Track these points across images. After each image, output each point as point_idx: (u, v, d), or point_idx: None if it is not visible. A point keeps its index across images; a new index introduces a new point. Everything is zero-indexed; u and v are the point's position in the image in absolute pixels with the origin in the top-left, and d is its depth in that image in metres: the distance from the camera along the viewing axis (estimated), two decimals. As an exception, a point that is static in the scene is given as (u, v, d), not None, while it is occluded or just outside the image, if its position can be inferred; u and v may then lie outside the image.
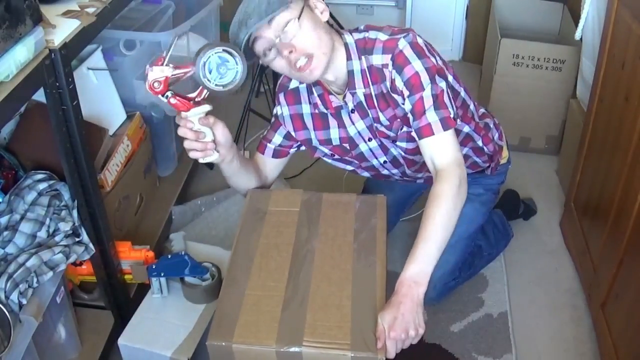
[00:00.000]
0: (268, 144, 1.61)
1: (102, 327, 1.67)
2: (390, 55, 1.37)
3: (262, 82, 2.75)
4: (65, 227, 1.44)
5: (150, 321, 1.51)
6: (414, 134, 1.39)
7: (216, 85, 1.25)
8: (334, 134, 1.57)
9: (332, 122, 1.55)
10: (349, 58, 1.41)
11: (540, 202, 2.29)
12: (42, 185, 1.45)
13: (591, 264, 1.86)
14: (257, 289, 1.29)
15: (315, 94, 1.51)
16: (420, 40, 1.38)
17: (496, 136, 1.74)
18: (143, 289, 1.65)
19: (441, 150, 1.37)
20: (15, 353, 1.26)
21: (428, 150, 1.38)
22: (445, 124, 1.35)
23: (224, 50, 1.24)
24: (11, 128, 1.66)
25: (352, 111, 1.50)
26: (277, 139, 1.60)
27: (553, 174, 2.47)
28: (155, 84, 1.25)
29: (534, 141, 2.55)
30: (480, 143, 1.66)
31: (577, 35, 2.21)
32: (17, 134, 1.65)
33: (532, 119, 2.50)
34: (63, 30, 1.29)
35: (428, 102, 1.35)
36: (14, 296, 1.28)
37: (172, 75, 1.25)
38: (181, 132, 1.32)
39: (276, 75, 2.67)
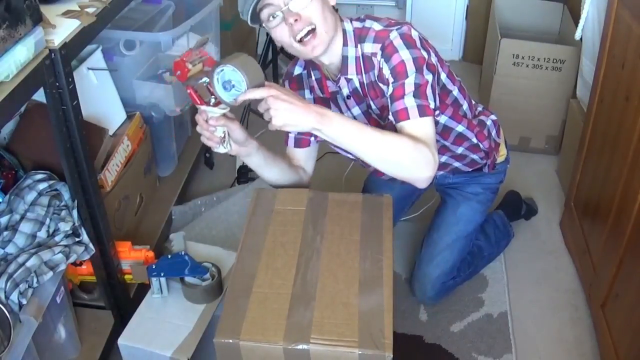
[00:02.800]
0: (289, 134, 1.61)
1: (102, 327, 1.67)
2: (380, 45, 1.37)
3: (262, 82, 2.74)
4: (65, 227, 1.44)
5: (150, 321, 1.50)
6: (391, 117, 1.36)
7: (225, 97, 1.29)
8: (331, 105, 1.58)
9: (333, 107, 1.56)
10: (345, 44, 1.42)
11: (540, 202, 2.29)
12: (42, 185, 1.45)
13: (591, 264, 1.86)
14: (264, 286, 1.29)
15: (313, 78, 1.53)
16: (414, 34, 1.38)
17: (493, 132, 1.74)
18: (143, 289, 1.65)
19: (416, 133, 1.31)
20: (15, 353, 1.26)
21: (401, 129, 1.33)
22: (422, 111, 1.31)
23: (232, 67, 1.25)
24: (11, 128, 1.66)
25: (348, 97, 1.51)
26: None
27: (553, 174, 2.47)
28: (178, 72, 1.33)
29: (534, 141, 2.55)
30: (475, 140, 1.66)
31: (577, 35, 2.21)
32: (17, 134, 1.65)
33: (532, 119, 2.50)
34: (63, 30, 1.29)
35: (409, 88, 1.32)
36: (14, 296, 1.28)
37: (191, 70, 1.33)
38: (197, 118, 1.38)
39: (276, 77, 2.68)
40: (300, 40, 1.33)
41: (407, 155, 1.26)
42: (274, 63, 2.65)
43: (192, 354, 1.43)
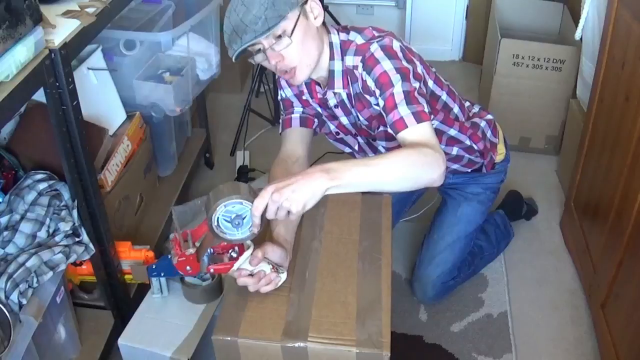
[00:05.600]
0: (292, 115, 1.56)
1: (102, 327, 1.67)
2: (360, 57, 1.39)
3: (262, 82, 2.75)
4: (65, 227, 1.44)
5: (150, 321, 1.50)
6: (390, 130, 1.35)
7: (241, 234, 1.17)
8: (320, 109, 1.58)
9: (322, 111, 1.57)
10: (331, 58, 1.43)
11: (540, 202, 2.29)
12: (42, 185, 1.45)
13: (591, 264, 1.86)
14: None
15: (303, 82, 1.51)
16: (395, 45, 1.37)
17: (489, 133, 1.74)
18: (143, 289, 1.65)
19: (417, 139, 1.29)
20: (15, 353, 1.26)
21: (401, 138, 1.32)
22: (419, 117, 1.30)
23: (225, 205, 1.14)
24: (11, 128, 1.66)
25: (336, 106, 1.52)
26: (298, 109, 1.57)
27: (553, 174, 2.47)
28: (188, 268, 1.23)
29: (534, 141, 2.55)
30: (468, 142, 1.67)
31: (577, 35, 2.21)
32: (17, 134, 1.65)
33: (532, 119, 2.50)
34: (63, 30, 1.29)
35: (399, 97, 1.32)
36: (14, 296, 1.28)
37: (194, 251, 1.22)
38: (241, 282, 1.24)
39: (275, 76, 2.68)
40: (284, 73, 1.37)
41: (415, 165, 1.22)
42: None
43: (192, 354, 1.43)
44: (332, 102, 1.51)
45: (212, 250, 1.27)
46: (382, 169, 1.19)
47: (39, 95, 1.27)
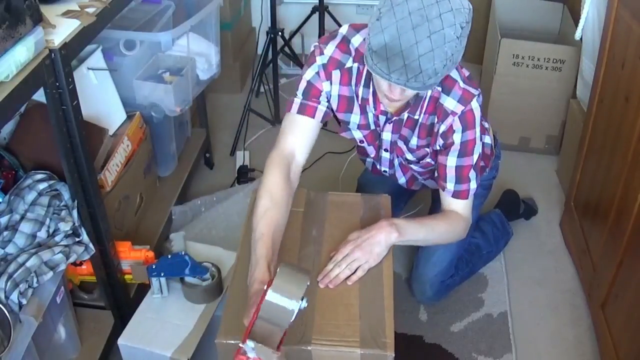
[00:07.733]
0: (319, 106, 1.45)
1: (102, 327, 1.67)
2: (463, 108, 1.40)
3: (262, 82, 2.75)
4: (65, 227, 1.44)
5: (150, 321, 1.51)
6: (450, 185, 1.49)
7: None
8: (372, 118, 1.54)
9: (363, 117, 1.55)
10: None
11: (540, 202, 2.29)
12: (42, 185, 1.45)
13: (591, 264, 1.86)
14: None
15: (371, 90, 1.45)
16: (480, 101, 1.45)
17: (487, 140, 1.75)
18: (143, 289, 1.65)
19: (463, 209, 1.53)
20: (15, 353, 1.26)
21: (452, 203, 1.52)
22: (474, 193, 1.52)
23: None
24: (11, 128, 1.66)
25: (389, 122, 1.51)
26: (325, 104, 1.47)
27: (553, 174, 2.47)
28: None
29: (534, 141, 2.55)
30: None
31: (577, 35, 2.21)
32: (17, 134, 1.65)
33: (532, 119, 2.50)
34: (63, 30, 1.29)
35: (473, 172, 1.47)
36: (14, 296, 1.28)
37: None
38: None
39: (276, 76, 2.68)
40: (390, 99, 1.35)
41: (456, 235, 1.54)
42: (274, 63, 2.65)
43: (192, 354, 1.43)
44: (392, 117, 1.49)
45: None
46: (434, 234, 1.49)
47: (39, 95, 1.27)
